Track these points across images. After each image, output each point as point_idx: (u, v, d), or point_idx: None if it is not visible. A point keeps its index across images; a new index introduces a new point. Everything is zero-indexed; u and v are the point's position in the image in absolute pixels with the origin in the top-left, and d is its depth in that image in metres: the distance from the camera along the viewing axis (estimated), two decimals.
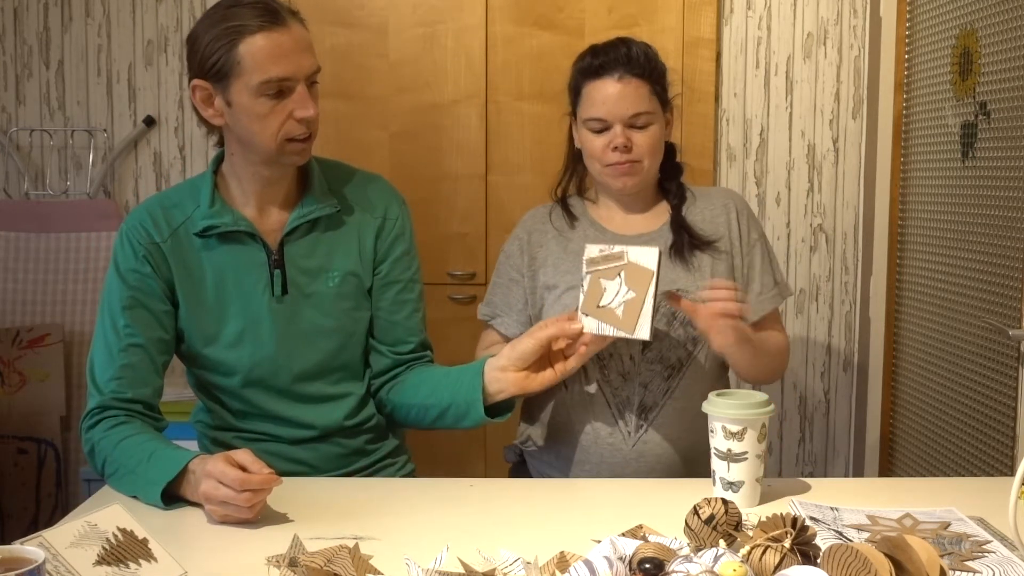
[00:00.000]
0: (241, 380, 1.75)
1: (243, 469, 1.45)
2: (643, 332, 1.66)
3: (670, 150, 1.94)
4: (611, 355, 1.81)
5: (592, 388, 1.83)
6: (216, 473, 1.45)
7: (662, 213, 1.91)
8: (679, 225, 1.86)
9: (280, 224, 1.74)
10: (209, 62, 1.62)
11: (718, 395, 1.60)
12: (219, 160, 1.77)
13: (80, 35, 3.04)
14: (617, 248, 1.70)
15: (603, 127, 1.81)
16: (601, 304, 1.68)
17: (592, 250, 1.72)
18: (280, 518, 1.49)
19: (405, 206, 1.88)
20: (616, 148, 1.80)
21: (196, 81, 1.66)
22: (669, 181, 1.93)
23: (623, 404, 1.81)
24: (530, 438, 1.94)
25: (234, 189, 1.74)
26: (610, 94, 1.80)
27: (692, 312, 1.70)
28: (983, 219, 2.35)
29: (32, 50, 3.04)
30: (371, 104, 2.95)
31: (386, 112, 2.95)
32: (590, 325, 1.69)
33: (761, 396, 1.59)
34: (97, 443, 1.63)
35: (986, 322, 2.29)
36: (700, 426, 1.77)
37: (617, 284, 1.67)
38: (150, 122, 3.04)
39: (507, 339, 1.93)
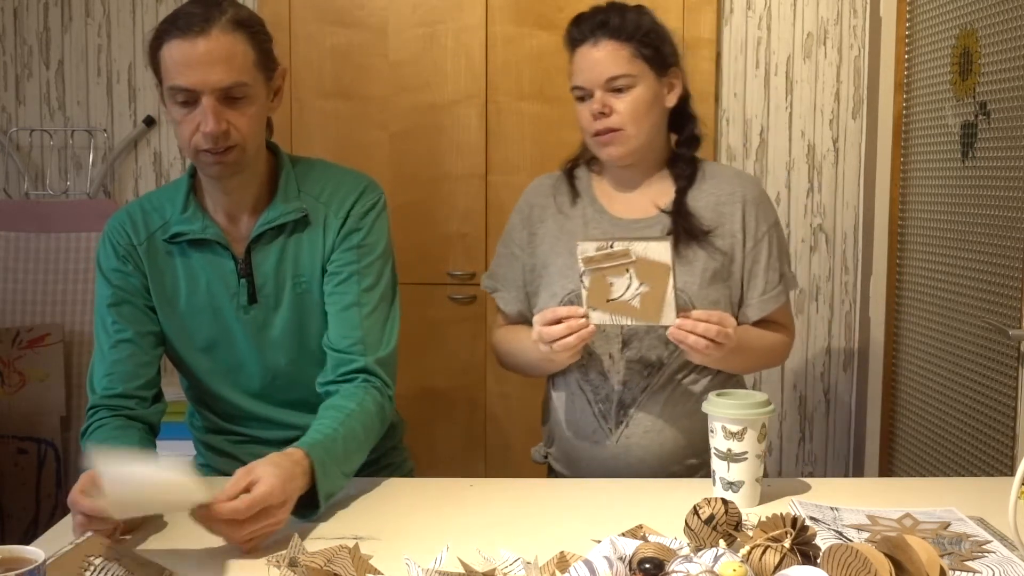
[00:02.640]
0: (220, 385, 1.75)
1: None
2: (669, 319, 1.64)
3: (687, 118, 1.84)
4: (591, 355, 1.79)
5: (573, 387, 1.83)
6: (81, 479, 1.39)
7: (664, 193, 1.81)
8: (679, 212, 1.79)
9: (249, 231, 1.70)
10: (151, 60, 1.61)
11: (718, 395, 1.60)
12: None
13: (80, 35, 3.04)
14: (619, 245, 1.64)
15: (583, 95, 1.76)
16: (612, 298, 1.65)
17: (587, 248, 1.66)
18: None
19: (377, 203, 1.75)
20: (594, 116, 1.74)
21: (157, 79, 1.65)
22: (682, 153, 1.83)
23: (603, 402, 1.80)
24: (549, 435, 1.94)
25: (206, 195, 1.71)
26: (586, 60, 1.75)
27: (677, 338, 1.65)
28: (983, 219, 2.35)
29: (32, 50, 3.04)
30: (371, 104, 2.95)
31: (386, 112, 2.95)
32: (600, 318, 1.66)
33: (761, 396, 1.58)
34: (86, 444, 1.63)
35: (986, 322, 2.29)
36: (683, 422, 1.77)
37: (627, 279, 1.64)
38: (150, 122, 3.04)
39: (507, 316, 1.91)
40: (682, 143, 1.85)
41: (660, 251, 1.62)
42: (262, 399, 1.75)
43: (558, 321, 1.65)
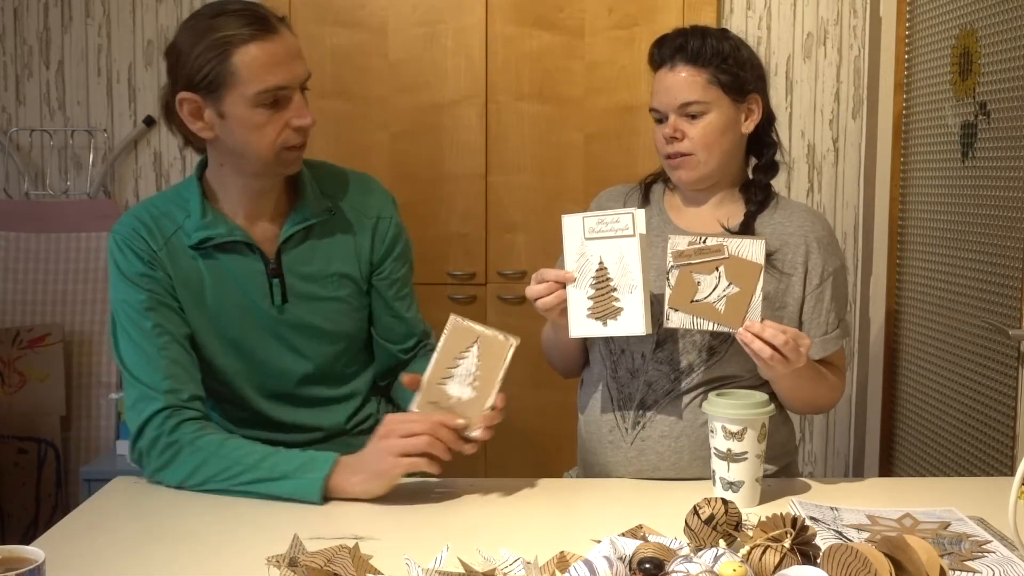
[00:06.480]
0: (243, 387, 1.75)
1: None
2: None
3: (767, 144, 1.84)
4: (623, 351, 1.80)
5: (600, 386, 1.83)
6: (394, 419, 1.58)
7: (733, 214, 1.80)
8: (745, 231, 1.77)
9: (271, 233, 1.72)
10: (200, 74, 1.58)
11: (718, 395, 1.60)
12: (203, 166, 1.74)
13: (80, 35, 3.04)
14: (712, 240, 1.62)
15: (659, 116, 1.78)
16: (696, 299, 1.62)
17: (679, 242, 1.64)
18: (280, 518, 1.49)
19: (395, 204, 1.87)
20: (667, 139, 1.76)
21: (184, 94, 1.61)
22: (758, 179, 1.82)
23: (625, 401, 1.80)
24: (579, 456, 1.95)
25: (223, 199, 1.72)
26: (662, 83, 1.77)
27: (744, 341, 1.62)
28: (983, 219, 2.35)
29: (32, 50, 3.04)
30: (371, 104, 2.95)
31: (386, 112, 2.95)
32: (682, 320, 1.64)
33: (761, 396, 1.59)
34: (188, 444, 1.59)
35: (986, 322, 2.29)
36: (701, 432, 1.76)
37: (715, 278, 1.61)
38: (150, 122, 3.04)
39: None
40: (759, 169, 1.85)
41: (754, 250, 1.60)
42: (289, 401, 1.77)
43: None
